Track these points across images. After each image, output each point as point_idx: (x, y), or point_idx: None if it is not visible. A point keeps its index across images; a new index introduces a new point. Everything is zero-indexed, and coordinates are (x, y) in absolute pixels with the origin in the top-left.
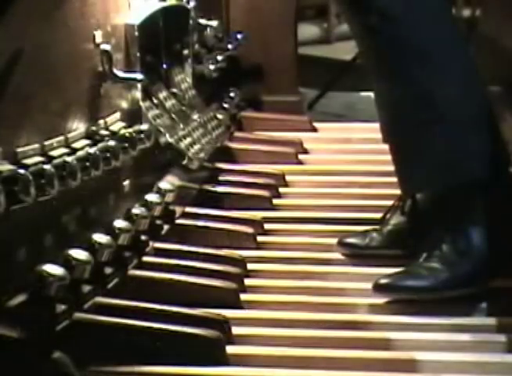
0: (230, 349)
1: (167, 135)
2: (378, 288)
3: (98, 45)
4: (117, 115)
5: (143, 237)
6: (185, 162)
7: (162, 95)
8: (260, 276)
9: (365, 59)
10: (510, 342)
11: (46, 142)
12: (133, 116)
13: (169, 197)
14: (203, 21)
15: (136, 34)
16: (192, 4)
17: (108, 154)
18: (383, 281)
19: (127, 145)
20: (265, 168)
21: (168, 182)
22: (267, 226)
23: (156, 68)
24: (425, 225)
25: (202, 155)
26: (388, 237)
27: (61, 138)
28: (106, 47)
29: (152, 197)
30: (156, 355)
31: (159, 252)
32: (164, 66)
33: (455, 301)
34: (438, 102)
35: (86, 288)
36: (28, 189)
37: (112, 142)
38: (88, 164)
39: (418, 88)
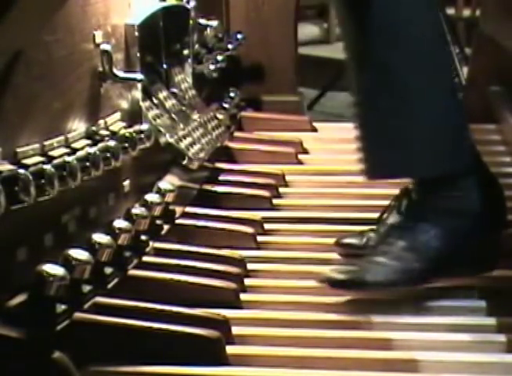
0: (230, 349)
1: (167, 135)
2: (333, 284)
3: (98, 45)
4: (117, 115)
5: (143, 237)
6: (185, 162)
7: (162, 95)
8: (260, 276)
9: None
10: (510, 342)
11: (46, 142)
12: (133, 116)
13: (169, 197)
14: (203, 21)
15: (136, 34)
16: (192, 4)
17: (108, 154)
18: (338, 277)
19: (127, 145)
20: (265, 168)
21: (168, 182)
22: (267, 226)
23: (156, 68)
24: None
25: (202, 155)
26: (385, 237)
27: (61, 138)
28: (106, 47)
29: (152, 197)
30: (156, 355)
31: (159, 252)
32: (164, 66)
33: (454, 301)
34: (408, 90)
35: (86, 288)
36: (28, 189)
37: (112, 142)
38: (88, 164)
39: (392, 74)
